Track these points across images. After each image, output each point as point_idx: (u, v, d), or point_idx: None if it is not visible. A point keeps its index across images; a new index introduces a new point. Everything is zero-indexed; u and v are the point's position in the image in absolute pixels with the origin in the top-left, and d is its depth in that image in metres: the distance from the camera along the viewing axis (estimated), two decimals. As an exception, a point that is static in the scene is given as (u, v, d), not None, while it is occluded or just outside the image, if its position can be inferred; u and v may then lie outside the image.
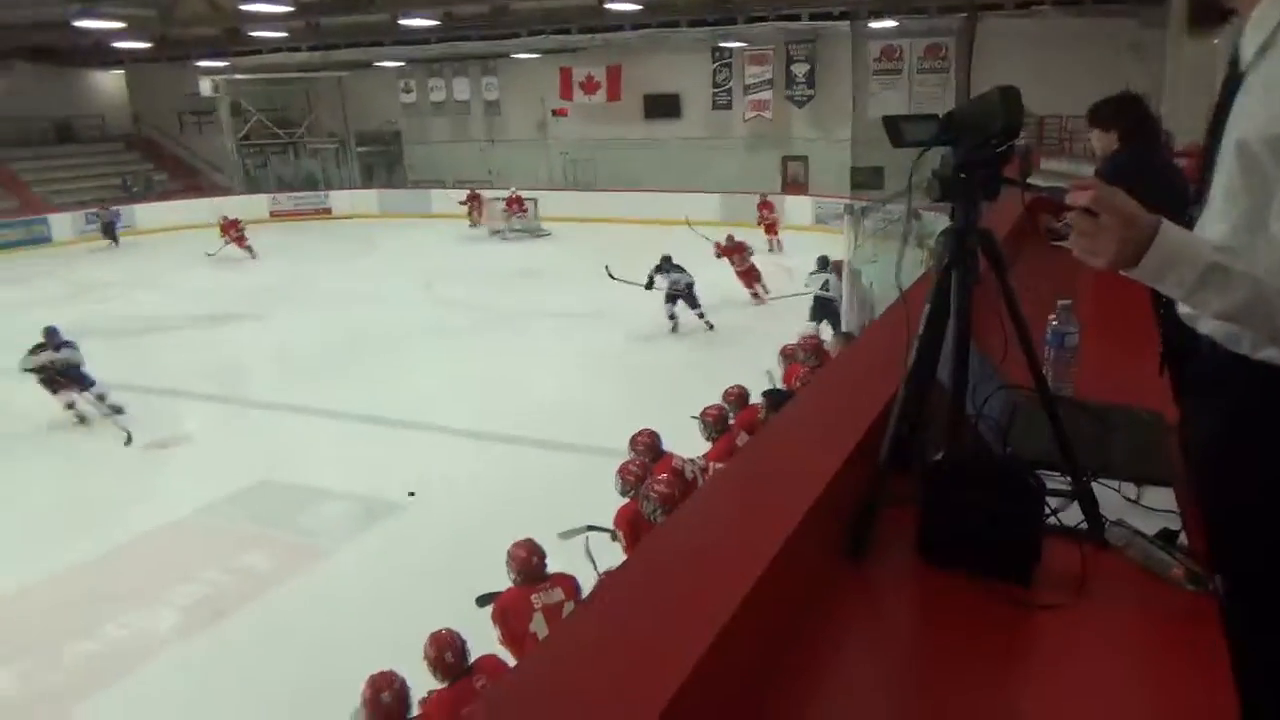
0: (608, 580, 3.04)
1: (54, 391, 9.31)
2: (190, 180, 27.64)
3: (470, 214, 22.91)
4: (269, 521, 7.21)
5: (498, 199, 21.79)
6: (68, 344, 9.39)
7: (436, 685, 3.58)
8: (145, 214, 24.09)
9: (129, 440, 8.91)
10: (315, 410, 9.60)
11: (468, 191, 23.49)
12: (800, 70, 21.96)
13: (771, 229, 17.93)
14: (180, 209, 23.97)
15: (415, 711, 3.39)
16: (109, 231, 21.71)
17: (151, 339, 13.11)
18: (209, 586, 6.25)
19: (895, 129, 1.41)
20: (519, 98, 25.75)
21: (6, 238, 21.62)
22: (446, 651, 3.55)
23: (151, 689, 5.14)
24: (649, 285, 12.07)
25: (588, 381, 10.35)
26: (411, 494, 7.05)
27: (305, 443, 8.83)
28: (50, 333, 9.45)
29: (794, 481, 1.50)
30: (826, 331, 9.84)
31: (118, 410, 9.30)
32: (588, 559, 4.51)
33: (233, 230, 19.45)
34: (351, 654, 4.73)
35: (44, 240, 22.07)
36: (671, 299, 11.95)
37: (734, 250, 13.36)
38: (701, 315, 12.01)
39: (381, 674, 3.38)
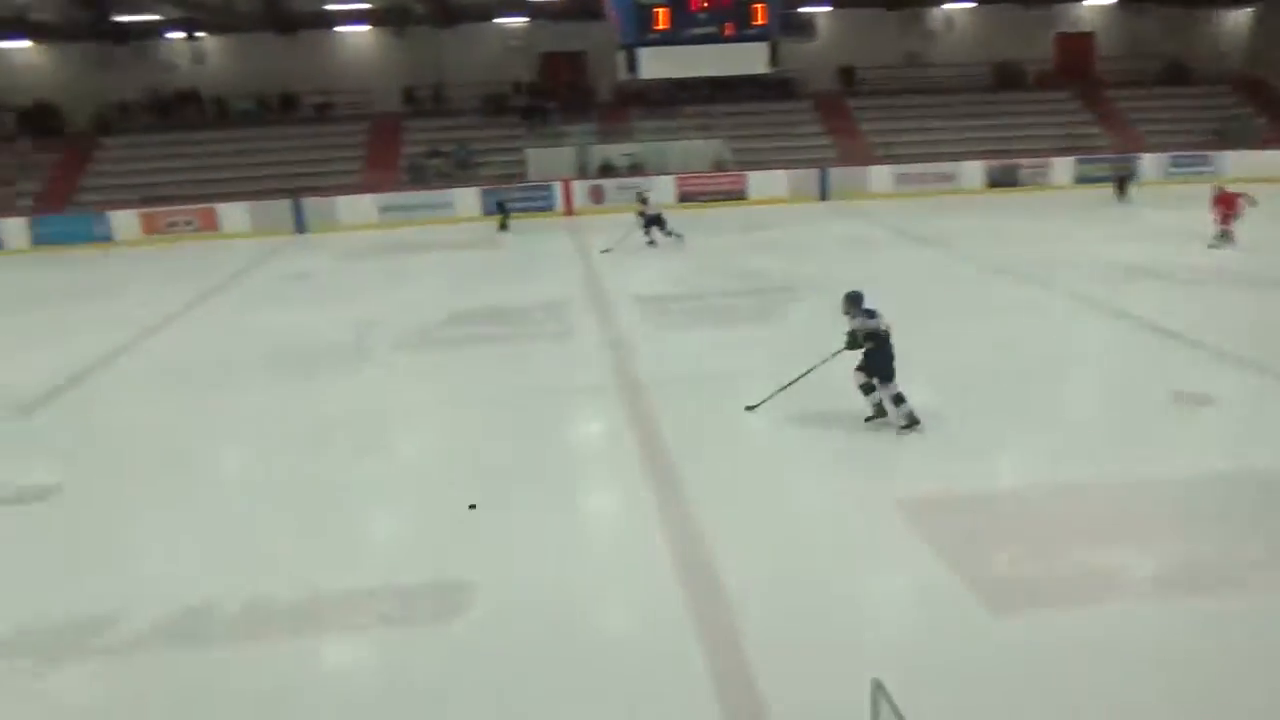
0: None
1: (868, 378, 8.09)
2: (1291, 128, 25.65)
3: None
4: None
5: None
6: (867, 312, 7.98)
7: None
8: (1234, 161, 23.58)
9: (910, 424, 7.95)
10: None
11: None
12: None
13: None
14: (1265, 159, 22.59)
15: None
16: (1122, 186, 21.62)
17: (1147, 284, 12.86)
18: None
19: None
20: None
21: (1097, 172, 23.42)
22: None
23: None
24: None
25: None
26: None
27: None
28: (853, 299, 8.09)
29: None
30: None
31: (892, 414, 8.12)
32: None
33: (1223, 207, 15.49)
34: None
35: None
36: None
37: None
38: None
39: None
